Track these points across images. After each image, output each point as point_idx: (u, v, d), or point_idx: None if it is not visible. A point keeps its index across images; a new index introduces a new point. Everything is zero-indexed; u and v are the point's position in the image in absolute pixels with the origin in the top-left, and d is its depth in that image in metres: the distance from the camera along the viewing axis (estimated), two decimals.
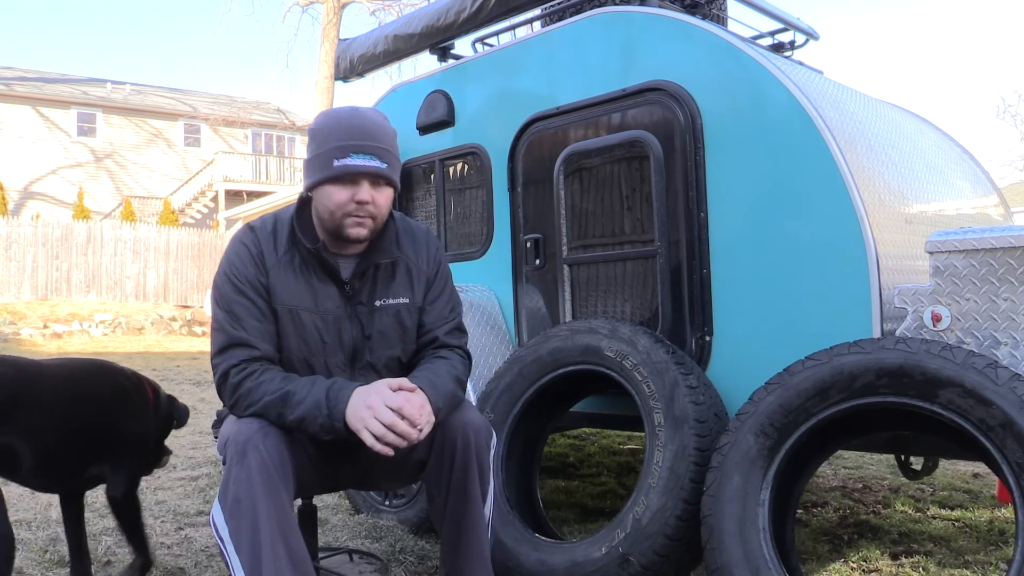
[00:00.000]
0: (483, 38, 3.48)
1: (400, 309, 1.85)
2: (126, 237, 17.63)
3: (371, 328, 1.82)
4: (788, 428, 1.90)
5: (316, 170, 1.73)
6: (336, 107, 1.79)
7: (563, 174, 2.77)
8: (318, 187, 1.74)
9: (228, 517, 1.57)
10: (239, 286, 1.74)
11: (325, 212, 1.74)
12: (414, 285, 1.88)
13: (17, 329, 13.27)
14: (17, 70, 26.51)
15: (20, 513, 3.11)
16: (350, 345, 1.81)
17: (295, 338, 1.77)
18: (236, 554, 1.56)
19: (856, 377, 1.82)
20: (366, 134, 1.71)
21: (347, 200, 1.71)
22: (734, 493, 1.90)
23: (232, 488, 1.57)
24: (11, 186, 21.71)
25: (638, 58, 2.61)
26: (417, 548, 2.68)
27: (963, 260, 1.96)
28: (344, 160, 1.68)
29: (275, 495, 1.57)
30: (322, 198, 1.74)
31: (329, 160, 1.69)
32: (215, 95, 29.62)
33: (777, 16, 3.29)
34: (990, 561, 2.55)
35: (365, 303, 1.82)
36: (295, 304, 1.76)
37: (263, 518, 1.54)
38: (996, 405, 1.64)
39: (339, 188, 1.71)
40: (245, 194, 22.54)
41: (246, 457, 1.57)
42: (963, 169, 3.21)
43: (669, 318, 2.48)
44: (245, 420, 1.65)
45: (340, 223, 1.73)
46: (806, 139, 2.19)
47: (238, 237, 1.80)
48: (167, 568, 2.50)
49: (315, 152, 1.73)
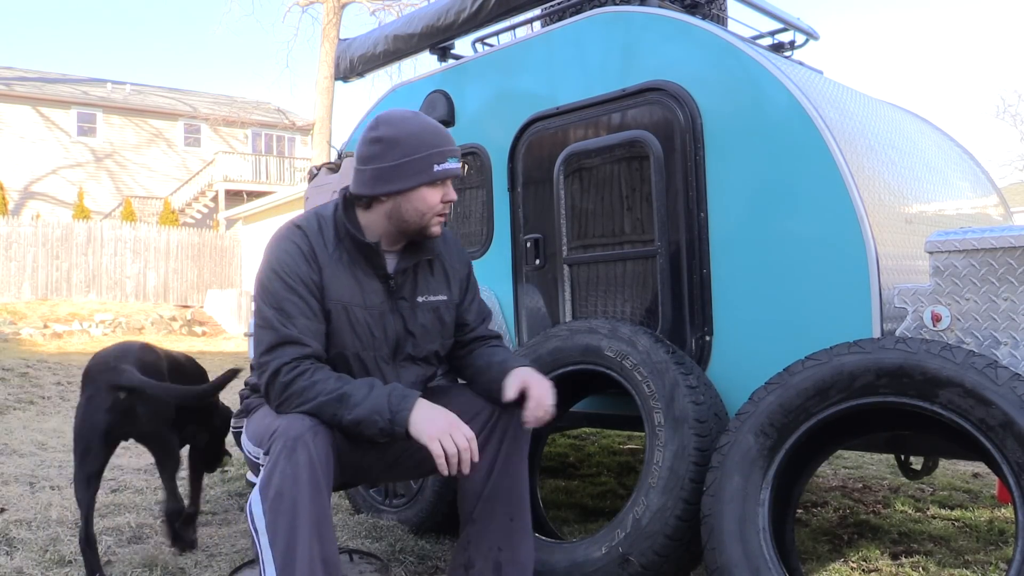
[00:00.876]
0: (483, 38, 3.48)
1: (439, 305, 1.95)
2: (126, 237, 17.63)
3: (414, 323, 1.90)
4: (788, 428, 1.90)
5: (413, 174, 1.78)
6: (400, 113, 1.84)
7: (563, 174, 2.77)
8: (413, 191, 1.79)
9: (268, 509, 1.58)
10: (290, 283, 1.75)
11: (415, 214, 1.81)
12: (451, 284, 1.98)
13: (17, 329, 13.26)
14: (17, 70, 26.51)
15: (20, 513, 3.11)
16: (393, 339, 1.89)
17: (348, 333, 1.82)
18: (270, 547, 1.57)
19: (856, 377, 1.82)
20: (452, 140, 1.84)
21: (438, 201, 1.82)
22: (734, 493, 1.90)
23: (276, 481, 1.58)
24: (11, 186, 21.71)
25: (638, 58, 2.61)
26: (417, 548, 2.68)
27: (963, 260, 1.96)
28: (444, 165, 1.79)
29: (318, 496, 1.59)
30: (415, 201, 1.80)
31: (430, 164, 1.78)
32: (215, 95, 29.62)
33: (777, 16, 3.30)
34: (990, 561, 2.55)
35: (407, 298, 1.90)
36: (348, 300, 1.81)
37: (303, 517, 1.56)
38: (996, 405, 1.64)
39: (433, 190, 1.81)
40: (245, 194, 22.53)
41: (295, 453, 1.58)
42: (963, 169, 3.21)
43: (669, 318, 2.48)
44: (296, 415, 1.66)
45: (428, 223, 1.83)
46: (806, 139, 2.19)
47: (286, 235, 1.82)
48: (167, 568, 2.50)
49: (405, 158, 1.78)
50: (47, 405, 6.41)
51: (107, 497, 3.45)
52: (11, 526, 2.91)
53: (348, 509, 3.18)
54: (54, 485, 3.66)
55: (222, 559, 2.61)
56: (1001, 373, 1.68)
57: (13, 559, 2.55)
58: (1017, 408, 1.62)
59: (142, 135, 24.89)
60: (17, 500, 3.33)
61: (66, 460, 4.28)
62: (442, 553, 2.66)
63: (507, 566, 1.89)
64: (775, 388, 1.93)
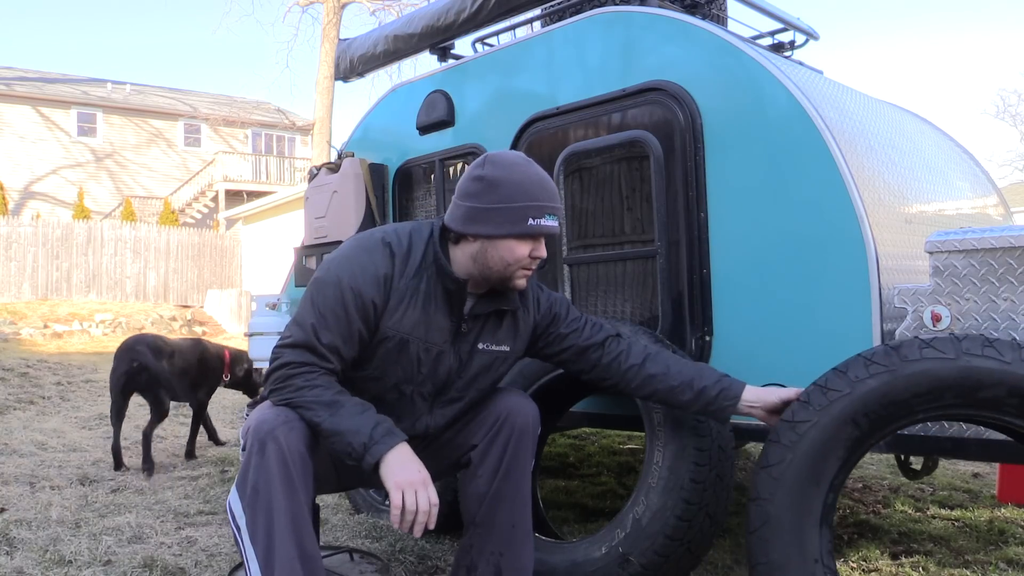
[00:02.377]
0: (483, 38, 3.49)
1: (498, 357, 1.89)
2: (126, 237, 17.63)
3: (468, 368, 1.85)
4: (882, 422, 1.63)
5: (503, 223, 1.71)
6: (512, 157, 1.76)
7: (563, 174, 2.77)
8: (500, 239, 1.72)
9: (246, 506, 1.58)
10: (346, 298, 1.69)
11: (500, 263, 1.74)
12: (519, 334, 1.91)
13: (17, 329, 13.26)
14: (17, 70, 26.51)
15: (20, 512, 3.11)
16: (443, 379, 1.84)
17: (394, 364, 1.77)
18: (251, 544, 1.58)
19: (983, 387, 1.55)
20: (555, 196, 1.76)
21: (526, 255, 1.74)
22: (801, 481, 1.64)
23: (251, 477, 1.58)
24: (11, 186, 21.72)
25: (638, 58, 2.61)
26: (417, 548, 2.68)
27: (963, 260, 1.95)
28: (540, 220, 1.71)
29: (292, 490, 1.58)
30: (501, 249, 1.73)
31: (524, 217, 1.70)
32: (215, 95, 29.62)
33: (777, 16, 3.30)
34: (990, 561, 2.55)
35: (470, 343, 1.84)
36: (407, 333, 1.75)
37: (279, 512, 1.56)
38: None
39: (522, 243, 1.73)
40: (245, 194, 22.54)
41: (266, 448, 1.58)
42: (963, 169, 3.21)
43: (669, 318, 2.48)
44: (272, 410, 1.65)
45: (512, 275, 1.76)
46: (806, 139, 2.19)
47: (371, 248, 1.75)
48: (167, 568, 2.50)
49: (501, 204, 1.70)
50: (47, 405, 6.41)
51: (107, 497, 3.45)
52: (11, 526, 2.91)
53: (348, 509, 3.18)
54: (54, 485, 3.66)
55: (222, 559, 2.61)
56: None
57: (13, 559, 2.55)
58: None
59: (142, 135, 24.89)
60: (17, 500, 3.33)
61: (66, 460, 4.28)
62: (442, 553, 2.66)
63: (507, 571, 1.89)
64: (881, 372, 1.63)
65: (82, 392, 7.10)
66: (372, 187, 3.53)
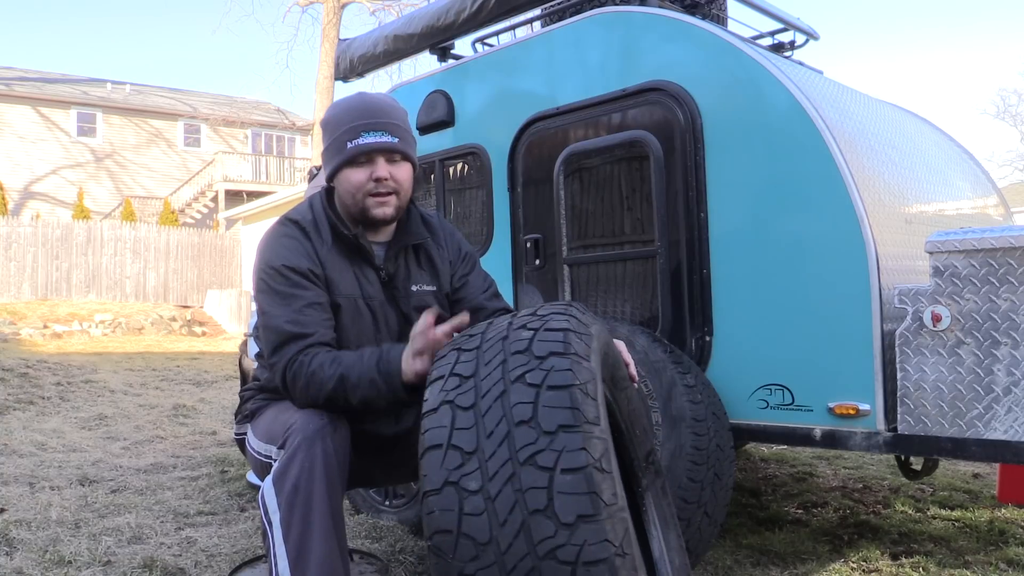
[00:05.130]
0: (483, 38, 3.49)
1: (428, 296, 1.88)
2: (126, 237, 17.62)
3: (410, 313, 1.84)
4: None
5: (332, 156, 1.75)
6: (345, 96, 1.80)
7: (563, 174, 2.77)
8: (338, 173, 1.76)
9: (283, 502, 1.56)
10: (292, 278, 1.70)
11: (348, 196, 1.76)
12: (439, 272, 1.91)
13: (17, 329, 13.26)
14: (17, 70, 26.50)
15: (20, 513, 3.11)
16: (395, 329, 1.84)
17: (352, 328, 1.79)
18: (283, 541, 1.56)
19: None
20: (374, 112, 1.74)
21: (365, 180, 1.73)
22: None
23: (294, 474, 1.56)
24: (11, 186, 21.71)
25: (638, 58, 2.61)
26: (417, 548, 2.68)
27: (963, 260, 1.95)
28: (356, 140, 1.71)
29: (333, 491, 1.58)
30: (343, 183, 1.76)
31: (343, 143, 1.72)
32: (215, 95, 29.61)
33: (777, 16, 3.30)
34: (990, 561, 2.55)
35: (400, 288, 1.85)
36: (351, 293, 1.78)
37: (318, 512, 1.55)
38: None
39: (356, 170, 1.73)
40: (245, 194, 22.53)
41: (314, 447, 1.57)
42: (963, 169, 3.21)
43: (669, 318, 2.48)
44: (315, 411, 1.64)
45: (363, 205, 1.75)
46: (806, 139, 2.19)
47: (282, 232, 1.77)
48: (167, 568, 2.50)
49: (330, 139, 1.76)
50: (47, 405, 6.41)
51: (107, 497, 3.45)
52: (11, 526, 2.90)
53: (348, 509, 3.18)
54: (54, 485, 3.66)
55: (222, 559, 2.61)
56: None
57: (13, 559, 2.55)
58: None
59: (142, 135, 24.88)
60: (17, 500, 3.33)
61: (66, 460, 4.28)
62: None
63: None
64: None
65: (82, 392, 7.10)
66: None
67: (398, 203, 1.79)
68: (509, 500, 1.16)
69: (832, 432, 2.17)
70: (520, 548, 1.13)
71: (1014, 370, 1.92)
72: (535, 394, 1.22)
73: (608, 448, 1.22)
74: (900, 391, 2.08)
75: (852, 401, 2.13)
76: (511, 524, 1.14)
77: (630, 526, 1.19)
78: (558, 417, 1.19)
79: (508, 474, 1.17)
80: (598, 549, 1.11)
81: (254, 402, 1.88)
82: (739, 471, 3.94)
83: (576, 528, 1.11)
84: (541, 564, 1.12)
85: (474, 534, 1.15)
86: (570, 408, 1.20)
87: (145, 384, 7.76)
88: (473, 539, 1.15)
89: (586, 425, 1.19)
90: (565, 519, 1.12)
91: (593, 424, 1.20)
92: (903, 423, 2.09)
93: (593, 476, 1.14)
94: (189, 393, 7.22)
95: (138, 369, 8.94)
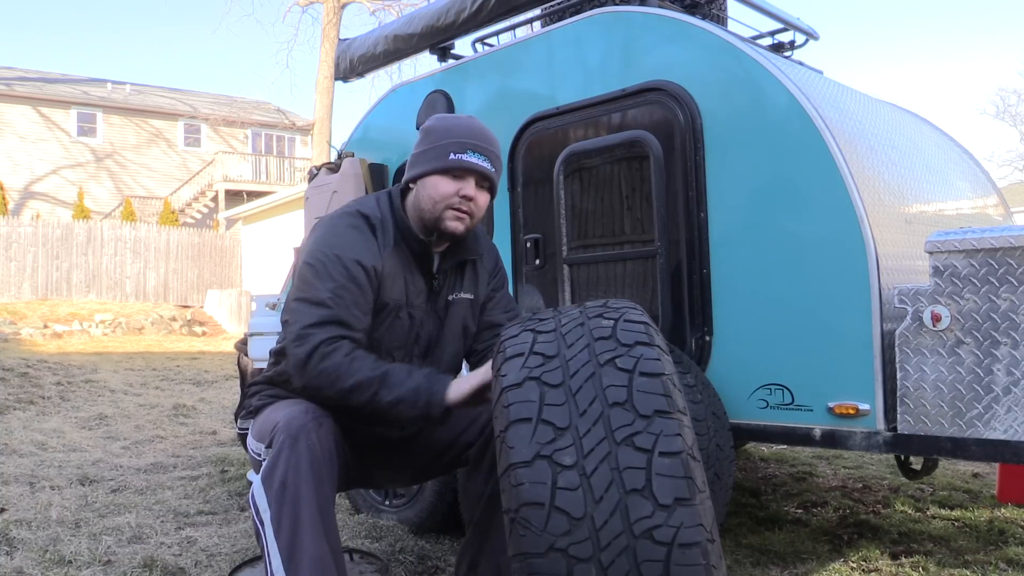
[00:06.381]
0: (483, 38, 3.49)
1: (467, 304, 1.92)
2: (126, 237, 17.62)
3: (446, 324, 1.89)
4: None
5: (429, 160, 1.77)
6: (456, 114, 1.85)
7: (563, 174, 2.77)
8: (426, 177, 1.78)
9: (272, 500, 1.58)
10: (352, 271, 1.72)
11: (428, 201, 1.78)
12: (479, 283, 1.96)
13: (17, 329, 13.26)
14: (17, 70, 26.50)
15: (20, 512, 3.11)
16: (426, 340, 1.88)
17: (388, 331, 1.81)
18: (275, 538, 1.57)
19: None
20: (485, 138, 1.80)
21: (452, 192, 1.76)
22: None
23: (280, 472, 1.57)
24: (11, 186, 21.70)
25: (638, 58, 2.61)
26: (417, 548, 2.68)
27: (963, 260, 1.96)
28: (461, 155, 1.75)
29: (320, 487, 1.59)
30: (428, 187, 1.78)
31: (446, 152, 1.76)
32: (215, 95, 29.60)
33: (777, 16, 3.30)
34: (990, 561, 2.55)
35: (443, 297, 1.89)
36: (398, 299, 1.80)
37: (306, 508, 1.56)
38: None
39: (449, 181, 1.77)
40: (245, 194, 22.52)
41: (298, 444, 1.58)
42: (963, 169, 3.21)
43: (669, 318, 2.48)
44: (299, 406, 1.65)
45: (440, 215, 1.77)
46: (806, 139, 2.19)
47: (350, 223, 1.78)
48: (167, 568, 2.50)
49: (430, 145, 1.78)
50: (47, 405, 6.41)
51: (107, 497, 3.45)
52: (11, 526, 2.91)
53: (348, 509, 3.18)
54: (54, 485, 3.66)
55: (222, 559, 2.61)
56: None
57: (13, 559, 2.55)
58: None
59: (142, 135, 24.87)
60: (17, 500, 3.33)
61: (66, 460, 4.28)
62: (442, 553, 2.66)
63: (506, 571, 1.89)
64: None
65: (82, 392, 7.10)
66: (372, 187, 3.53)
67: (470, 224, 1.82)
68: (605, 478, 1.15)
69: (832, 432, 2.18)
70: (616, 526, 1.13)
71: (1014, 370, 1.92)
72: (628, 378, 1.23)
73: (695, 438, 1.24)
74: (900, 391, 2.08)
75: (852, 401, 2.13)
76: (607, 501, 1.14)
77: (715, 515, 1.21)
78: (653, 403, 1.20)
79: (604, 452, 1.17)
80: (693, 532, 1.12)
81: (260, 398, 1.87)
82: (739, 471, 3.94)
83: (673, 510, 1.12)
84: (636, 543, 1.12)
85: (568, 508, 1.15)
86: (664, 395, 1.21)
87: (145, 384, 7.76)
88: (567, 513, 1.14)
89: (678, 413, 1.20)
90: (663, 500, 1.13)
91: (683, 414, 1.22)
92: (903, 423, 2.09)
93: (688, 462, 1.16)
94: (189, 393, 7.22)
95: (138, 369, 8.94)
